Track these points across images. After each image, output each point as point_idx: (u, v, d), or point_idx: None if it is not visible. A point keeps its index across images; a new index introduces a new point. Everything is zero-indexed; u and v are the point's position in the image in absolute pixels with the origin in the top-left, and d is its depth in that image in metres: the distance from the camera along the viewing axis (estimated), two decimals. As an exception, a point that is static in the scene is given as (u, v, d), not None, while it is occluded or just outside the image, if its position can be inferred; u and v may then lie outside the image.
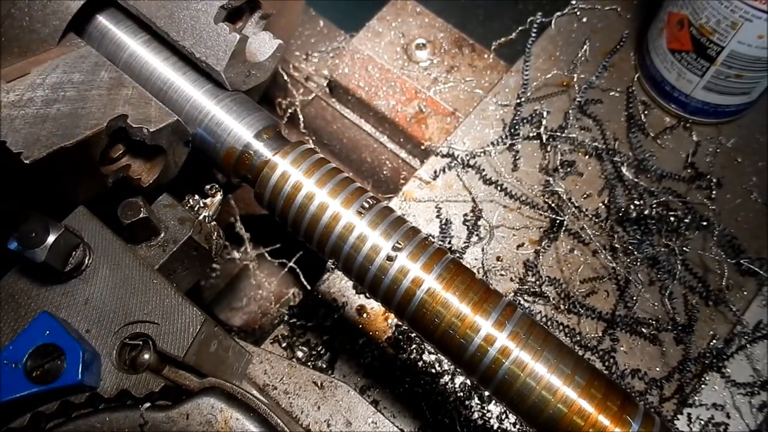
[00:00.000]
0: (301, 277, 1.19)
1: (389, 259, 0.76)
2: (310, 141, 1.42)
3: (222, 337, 0.75)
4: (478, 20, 2.32)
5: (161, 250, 0.78)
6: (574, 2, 1.34)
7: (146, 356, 0.69)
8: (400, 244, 0.76)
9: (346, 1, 1.66)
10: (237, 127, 0.86)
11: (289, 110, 1.38)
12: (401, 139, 1.37)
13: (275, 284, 1.44)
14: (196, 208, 0.83)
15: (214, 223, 0.84)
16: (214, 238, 0.84)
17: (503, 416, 1.05)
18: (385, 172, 1.42)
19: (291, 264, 1.20)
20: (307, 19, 1.51)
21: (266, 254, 1.23)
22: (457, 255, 1.15)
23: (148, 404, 0.68)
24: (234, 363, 0.80)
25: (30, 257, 0.65)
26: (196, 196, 0.84)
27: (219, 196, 0.85)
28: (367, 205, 0.79)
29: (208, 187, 0.84)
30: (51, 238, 0.65)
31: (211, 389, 0.70)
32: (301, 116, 1.36)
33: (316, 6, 1.54)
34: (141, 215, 0.74)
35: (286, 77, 1.37)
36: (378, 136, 1.40)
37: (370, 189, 1.36)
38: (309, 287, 1.17)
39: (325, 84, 1.43)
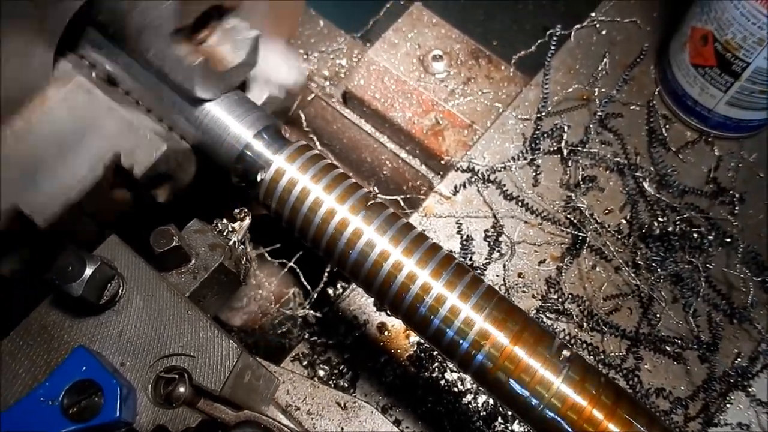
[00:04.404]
0: (301, 277, 1.18)
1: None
2: (315, 140, 1.41)
3: (255, 367, 0.73)
4: (478, 20, 2.32)
5: (192, 278, 0.76)
6: (593, 14, 1.33)
7: (182, 390, 0.68)
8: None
9: (346, 1, 1.65)
10: (236, 127, 0.84)
11: (290, 110, 1.37)
12: (417, 151, 1.36)
13: (275, 284, 1.42)
14: (225, 233, 0.81)
15: (242, 247, 0.83)
16: (243, 262, 0.83)
17: (527, 436, 1.04)
18: (385, 172, 1.40)
19: (291, 264, 1.19)
20: (307, 19, 1.50)
21: (266, 254, 1.22)
22: (479, 272, 1.14)
23: None
24: (264, 390, 0.78)
25: (67, 291, 0.63)
26: (225, 221, 0.83)
27: (248, 220, 0.83)
28: (371, 211, 0.79)
29: (237, 211, 0.83)
30: (88, 272, 0.63)
31: (247, 423, 0.69)
32: (303, 115, 1.34)
33: (316, 6, 1.53)
34: (173, 244, 0.72)
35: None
36: (378, 136, 1.38)
37: (372, 189, 1.35)
38: (309, 287, 1.16)
39: (325, 83, 1.43)
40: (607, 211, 1.18)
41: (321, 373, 1.10)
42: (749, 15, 1.02)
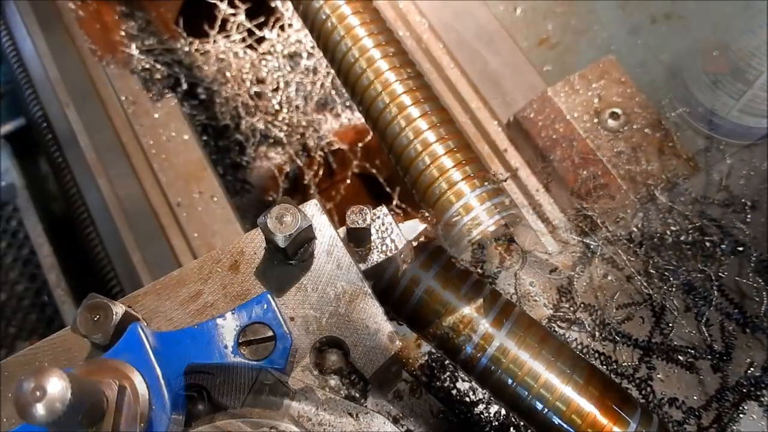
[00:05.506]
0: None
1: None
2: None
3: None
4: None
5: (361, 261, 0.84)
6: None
7: (334, 358, 0.80)
8: None
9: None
10: None
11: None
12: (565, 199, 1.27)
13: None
14: None
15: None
16: None
17: (540, 446, 1.04)
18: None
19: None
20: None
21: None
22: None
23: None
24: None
25: (271, 240, 0.71)
26: None
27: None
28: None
29: None
30: (297, 229, 0.70)
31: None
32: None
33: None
34: (365, 224, 0.77)
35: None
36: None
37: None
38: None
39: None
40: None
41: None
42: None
